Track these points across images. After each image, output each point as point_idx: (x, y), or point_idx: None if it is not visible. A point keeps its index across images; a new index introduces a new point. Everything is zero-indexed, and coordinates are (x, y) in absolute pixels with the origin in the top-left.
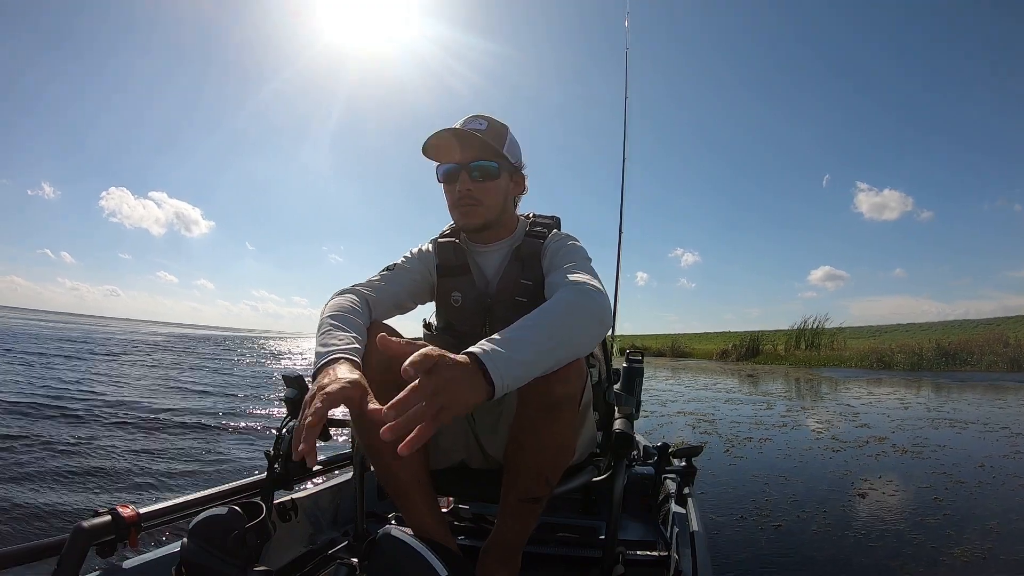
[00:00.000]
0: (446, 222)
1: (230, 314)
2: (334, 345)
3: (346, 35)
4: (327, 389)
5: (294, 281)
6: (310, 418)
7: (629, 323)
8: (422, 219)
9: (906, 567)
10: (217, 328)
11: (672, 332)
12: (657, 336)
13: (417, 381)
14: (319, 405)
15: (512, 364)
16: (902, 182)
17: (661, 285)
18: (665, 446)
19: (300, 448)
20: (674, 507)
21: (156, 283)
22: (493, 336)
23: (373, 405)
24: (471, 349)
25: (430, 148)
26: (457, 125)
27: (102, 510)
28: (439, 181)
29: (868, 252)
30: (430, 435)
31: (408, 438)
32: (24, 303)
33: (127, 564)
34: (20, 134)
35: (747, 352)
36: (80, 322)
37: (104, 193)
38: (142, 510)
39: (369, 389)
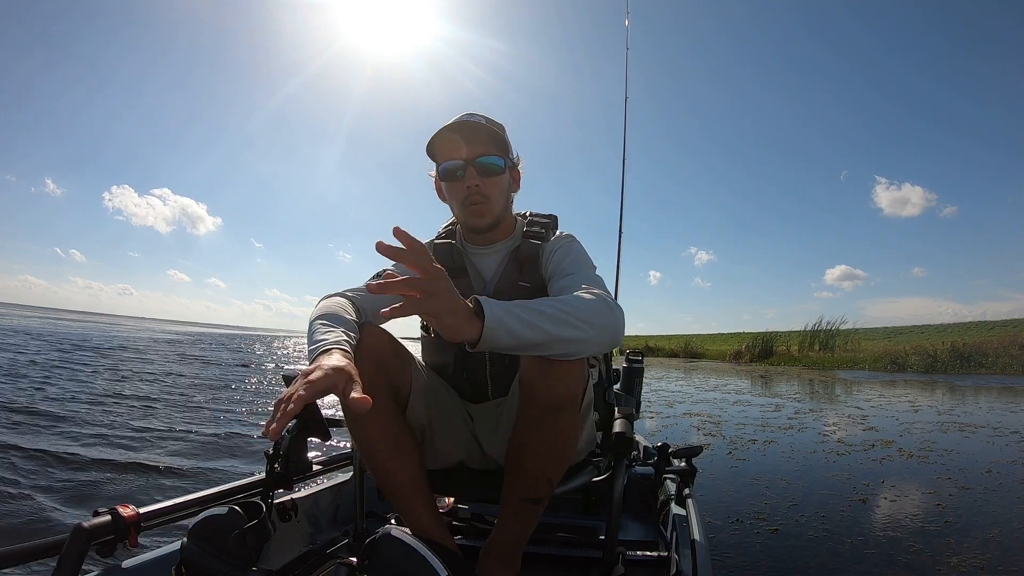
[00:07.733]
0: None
1: (244, 313)
2: (323, 339)
3: (362, 38)
4: (311, 377)
5: (305, 280)
6: (291, 405)
7: (644, 323)
8: (435, 214)
9: None
10: (232, 327)
11: (687, 332)
12: (671, 337)
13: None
14: (301, 393)
15: (510, 314)
16: (922, 177)
17: (676, 284)
18: (665, 446)
19: (271, 427)
20: (674, 507)
21: (168, 282)
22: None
23: (356, 394)
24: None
25: (438, 144)
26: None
27: (102, 510)
28: (440, 179)
29: (886, 251)
30: (409, 313)
31: (389, 309)
32: (38, 302)
33: (127, 564)
34: (23, 131)
35: (760, 353)
36: (96, 320)
37: (106, 193)
38: (142, 510)
39: (357, 378)
